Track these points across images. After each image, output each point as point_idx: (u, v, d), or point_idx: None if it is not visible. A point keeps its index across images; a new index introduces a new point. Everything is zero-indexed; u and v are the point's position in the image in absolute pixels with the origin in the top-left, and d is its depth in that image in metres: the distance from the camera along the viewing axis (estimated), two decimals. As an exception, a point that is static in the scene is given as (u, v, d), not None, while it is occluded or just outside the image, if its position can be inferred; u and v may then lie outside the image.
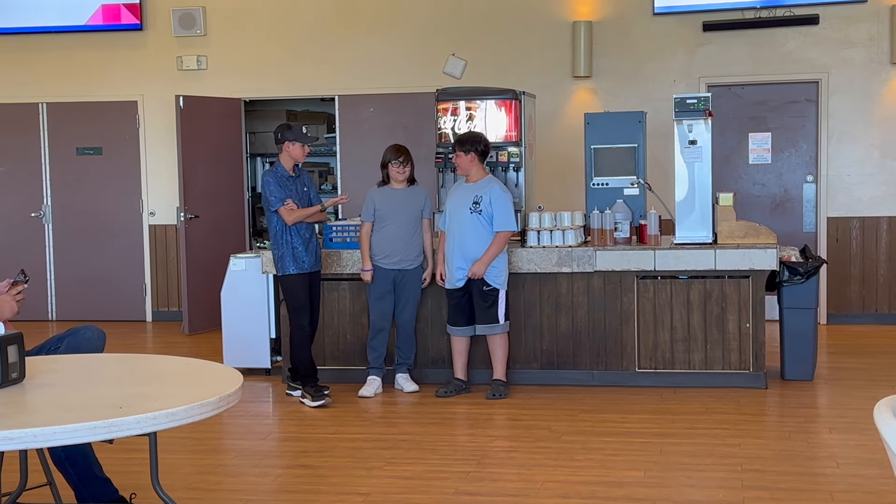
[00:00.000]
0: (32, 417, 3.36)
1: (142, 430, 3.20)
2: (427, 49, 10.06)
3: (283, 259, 6.75)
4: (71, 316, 10.67)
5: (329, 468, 5.38)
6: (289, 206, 6.67)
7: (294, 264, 6.75)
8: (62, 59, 10.71)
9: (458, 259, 6.82)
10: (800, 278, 7.02)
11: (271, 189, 6.68)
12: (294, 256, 6.76)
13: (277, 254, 6.77)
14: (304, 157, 6.81)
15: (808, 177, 9.69)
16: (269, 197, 6.69)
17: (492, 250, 6.76)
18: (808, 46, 9.56)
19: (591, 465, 5.32)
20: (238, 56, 10.47)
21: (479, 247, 6.77)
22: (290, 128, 6.82)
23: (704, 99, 7.07)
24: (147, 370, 4.15)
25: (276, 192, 6.68)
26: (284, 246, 6.75)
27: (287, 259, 6.75)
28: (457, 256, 6.82)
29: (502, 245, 6.80)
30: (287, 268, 6.75)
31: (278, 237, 6.76)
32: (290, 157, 6.77)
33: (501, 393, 6.84)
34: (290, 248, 6.75)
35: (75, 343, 4.53)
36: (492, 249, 6.75)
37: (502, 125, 7.41)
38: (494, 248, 6.76)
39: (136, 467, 4.94)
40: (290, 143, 6.74)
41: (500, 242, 6.78)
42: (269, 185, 6.69)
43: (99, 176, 10.75)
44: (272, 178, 6.72)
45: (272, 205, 6.70)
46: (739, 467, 5.21)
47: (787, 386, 7.05)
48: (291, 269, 6.76)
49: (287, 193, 6.70)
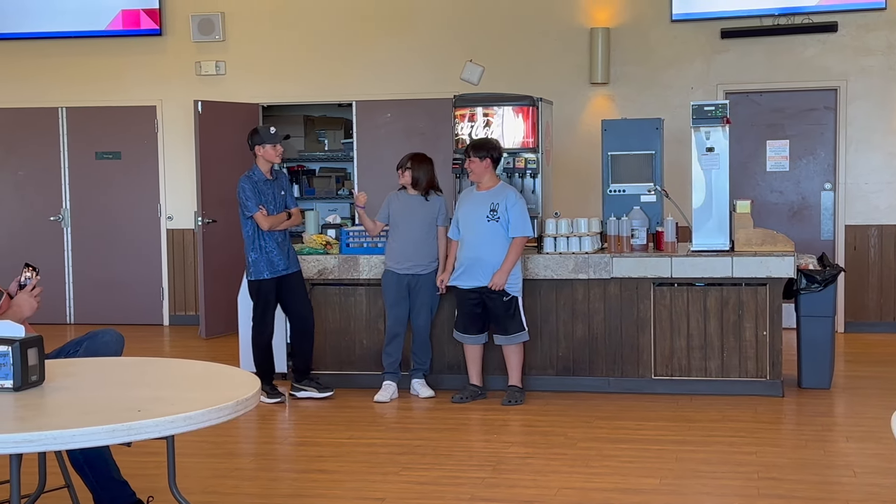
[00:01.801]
0: (51, 420, 3.38)
1: (160, 434, 3.21)
2: (444, 55, 10.08)
3: (257, 264, 6.82)
4: (89, 319, 10.72)
5: (345, 473, 5.39)
6: (262, 213, 6.72)
7: (268, 268, 6.82)
8: (82, 64, 10.78)
9: (479, 266, 6.79)
10: (817, 286, 7.00)
11: (247, 195, 6.73)
12: (269, 261, 6.81)
13: (252, 258, 6.83)
14: (278, 157, 6.85)
15: (825, 184, 9.66)
16: (245, 202, 6.75)
17: (511, 257, 6.76)
18: (826, 54, 9.53)
19: (607, 471, 5.31)
20: (256, 61, 10.52)
21: (497, 253, 6.76)
22: (258, 131, 6.87)
23: (722, 106, 7.06)
24: (165, 374, 4.17)
25: (252, 197, 6.73)
26: (258, 251, 6.80)
27: (262, 263, 6.81)
28: (474, 263, 6.81)
29: (520, 251, 6.80)
30: (261, 272, 6.81)
31: (253, 242, 6.81)
32: (265, 160, 6.81)
33: (517, 399, 6.83)
34: (265, 253, 6.80)
35: (94, 346, 4.55)
36: (511, 257, 6.76)
37: (519, 131, 7.42)
38: (513, 255, 6.76)
39: (154, 471, 4.96)
40: (259, 146, 6.79)
41: (517, 249, 6.78)
42: (245, 190, 6.74)
43: (117, 180, 10.81)
44: (247, 183, 6.77)
45: (248, 210, 6.75)
46: (756, 475, 5.19)
47: (803, 394, 7.03)
48: (266, 273, 6.82)
49: (262, 199, 6.75)
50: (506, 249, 6.77)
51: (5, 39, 10.76)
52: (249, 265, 6.85)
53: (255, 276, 6.84)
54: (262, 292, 6.88)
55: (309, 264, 7.39)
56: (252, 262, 6.83)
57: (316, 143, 11.63)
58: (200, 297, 9.92)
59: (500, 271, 6.73)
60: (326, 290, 7.48)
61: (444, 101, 8.82)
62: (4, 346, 3.59)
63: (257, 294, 6.90)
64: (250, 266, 6.85)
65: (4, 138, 10.95)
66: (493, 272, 6.74)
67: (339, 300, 7.45)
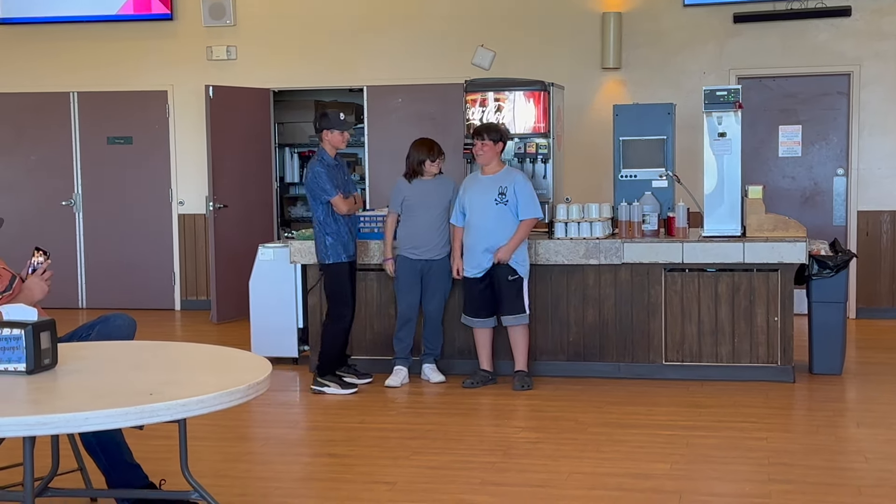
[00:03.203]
0: (64, 403, 3.40)
1: (172, 417, 3.23)
2: (456, 40, 10.05)
3: (335, 247, 6.76)
4: (100, 304, 10.76)
5: (355, 457, 5.41)
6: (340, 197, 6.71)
7: (345, 252, 6.80)
8: (93, 48, 10.79)
9: (483, 250, 6.82)
10: (829, 272, 6.99)
11: (324, 179, 6.68)
12: (344, 244, 6.80)
13: (329, 241, 6.76)
14: (344, 143, 6.85)
15: (838, 170, 9.63)
16: (323, 186, 6.68)
17: (518, 236, 6.78)
18: (839, 38, 9.48)
19: (618, 456, 5.32)
20: (267, 46, 10.51)
21: (505, 237, 6.78)
22: (328, 116, 6.82)
23: (734, 91, 7.04)
24: (176, 358, 4.19)
25: (329, 181, 6.69)
26: (335, 235, 6.77)
27: (339, 247, 6.78)
28: (481, 248, 6.82)
29: (527, 232, 6.84)
30: (339, 255, 6.78)
31: (328, 226, 6.77)
32: (331, 144, 6.80)
33: (527, 384, 6.85)
34: (339, 237, 6.78)
35: (106, 330, 4.58)
36: (518, 235, 6.78)
37: (531, 116, 7.41)
38: (520, 234, 6.79)
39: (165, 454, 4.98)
40: (328, 131, 6.77)
41: (525, 229, 6.81)
42: (321, 175, 6.68)
43: (129, 165, 10.83)
44: (323, 168, 6.72)
45: (328, 194, 6.69)
46: (766, 461, 5.20)
47: (815, 380, 7.02)
48: (343, 256, 6.80)
49: (336, 183, 6.74)
50: (512, 232, 6.78)
51: (17, 24, 10.77)
52: (326, 248, 6.75)
53: (334, 259, 6.78)
54: (341, 275, 6.84)
55: (320, 249, 7.38)
56: (329, 245, 6.76)
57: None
58: (212, 281, 9.95)
59: (506, 247, 6.76)
60: (337, 274, 7.46)
61: (456, 87, 8.80)
62: (17, 330, 3.62)
63: (336, 277, 6.83)
64: (327, 249, 6.76)
65: (16, 123, 10.98)
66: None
67: (350, 285, 7.45)
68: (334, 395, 6.80)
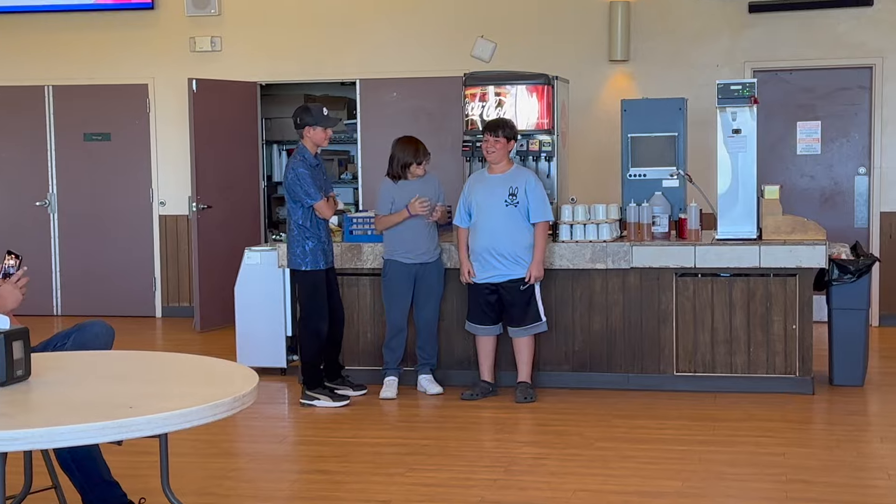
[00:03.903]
0: (38, 417, 3.40)
1: (153, 431, 3.23)
2: (454, 31, 10.06)
3: (315, 253, 6.75)
4: (77, 311, 10.75)
5: (347, 474, 5.40)
6: (325, 201, 6.69)
7: (324, 259, 6.80)
8: (69, 39, 10.79)
9: (492, 255, 6.81)
10: (850, 277, 6.99)
11: (308, 182, 6.65)
12: (324, 250, 6.79)
13: (308, 247, 6.74)
14: (327, 141, 6.82)
15: (860, 169, 9.64)
16: (307, 189, 6.65)
17: (541, 245, 6.81)
18: (861, 29, 9.49)
19: (626, 473, 5.32)
20: (254, 37, 10.51)
21: (515, 240, 6.79)
22: (310, 111, 6.80)
23: (750, 85, 7.05)
24: (157, 368, 4.18)
25: (313, 184, 6.67)
26: (316, 240, 6.75)
27: (318, 253, 6.76)
28: (490, 252, 6.81)
29: (546, 237, 6.84)
30: (318, 262, 6.77)
31: (306, 230, 6.75)
32: (312, 142, 6.78)
33: (530, 396, 6.85)
34: (320, 242, 6.77)
35: (82, 339, 4.57)
36: (540, 244, 6.81)
37: (533, 112, 7.41)
38: (543, 242, 6.82)
39: (145, 471, 4.98)
40: (310, 127, 6.75)
41: (545, 234, 6.83)
42: (305, 177, 6.64)
43: (107, 163, 10.82)
44: (306, 169, 6.69)
45: (311, 198, 6.66)
46: (784, 478, 5.20)
47: (835, 392, 7.02)
48: (322, 264, 6.79)
49: (319, 185, 6.72)
50: (523, 235, 6.79)
51: (-12, 14, 10.78)
52: (305, 254, 6.74)
53: (312, 266, 6.77)
54: (318, 283, 6.82)
55: (310, 253, 7.38)
56: (309, 251, 6.74)
57: (317, 123, 11.61)
58: (195, 287, 9.94)
59: (535, 262, 6.78)
60: (328, 280, 7.47)
61: (454, 80, 8.79)
62: (-12, 339, 3.61)
63: (314, 286, 6.81)
64: (307, 255, 6.75)
65: (-13, 119, 10.99)
66: (510, 261, 6.78)
67: (341, 291, 7.44)
68: (325, 408, 6.80)
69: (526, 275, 6.77)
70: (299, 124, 6.77)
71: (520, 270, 6.79)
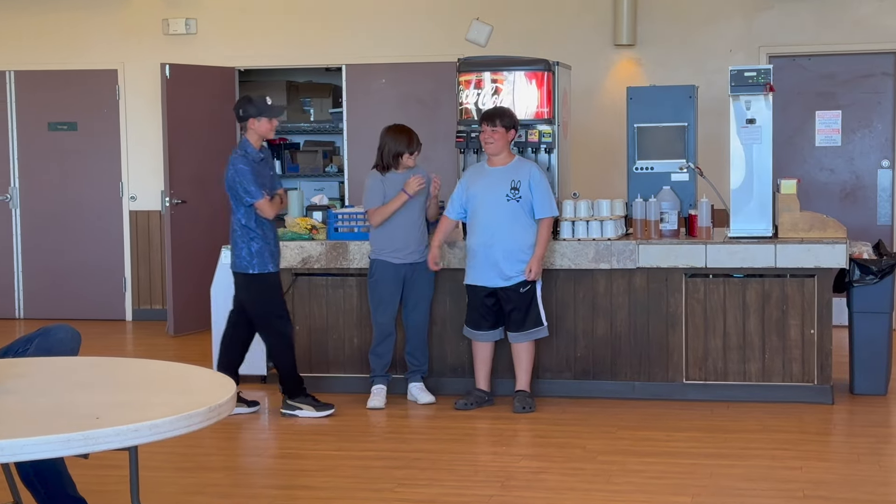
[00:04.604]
0: (-2, 428, 3.39)
1: (121, 444, 3.22)
2: (447, 12, 10.06)
3: (261, 255, 6.72)
4: (40, 314, 10.74)
5: (332, 489, 5.40)
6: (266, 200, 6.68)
7: (272, 261, 6.78)
8: (33, 21, 10.77)
9: (496, 254, 6.80)
10: (872, 278, 7.00)
11: (249, 179, 6.64)
12: (271, 252, 6.78)
13: (254, 248, 6.71)
14: (272, 133, 6.82)
15: (883, 161, 9.66)
16: (247, 188, 6.63)
17: (543, 241, 6.82)
18: (884, 12, 9.51)
19: (631, 489, 5.32)
20: (232, 19, 10.51)
21: (517, 238, 6.80)
22: (253, 101, 6.80)
23: (765, 71, 7.05)
24: (127, 376, 4.17)
25: (254, 181, 6.66)
26: (261, 240, 6.73)
27: (266, 255, 6.74)
28: (493, 250, 6.80)
29: (550, 234, 6.87)
30: (266, 264, 6.75)
31: (250, 230, 6.72)
32: (258, 134, 6.77)
33: (529, 405, 6.85)
34: (266, 243, 6.76)
35: (46, 345, 4.56)
36: (543, 240, 6.82)
37: (533, 100, 7.41)
38: (546, 239, 6.83)
39: (114, 486, 4.98)
40: (254, 119, 6.75)
41: (549, 231, 6.85)
42: (245, 174, 6.62)
43: (73, 154, 10.82)
44: (248, 165, 6.67)
45: (252, 196, 6.64)
46: (801, 493, 5.21)
47: (856, 401, 7.04)
48: (270, 266, 6.78)
49: (261, 182, 6.71)
50: (525, 233, 6.80)
51: (-55, -7, 10.77)
52: (252, 256, 6.71)
53: (260, 269, 6.74)
54: (272, 285, 6.83)
55: (292, 251, 7.39)
56: (255, 252, 6.71)
57: (300, 112, 11.63)
58: (168, 288, 9.94)
59: (536, 258, 6.78)
60: (311, 280, 7.48)
61: (448, 66, 8.81)
62: (-56, 344, 3.60)
63: (269, 289, 6.81)
64: (253, 258, 6.72)
65: (-56, 106, 10.97)
66: (511, 261, 6.79)
67: (325, 292, 7.46)
68: (308, 417, 6.80)
69: (525, 270, 6.76)
70: (242, 116, 6.77)
71: (519, 272, 6.79)
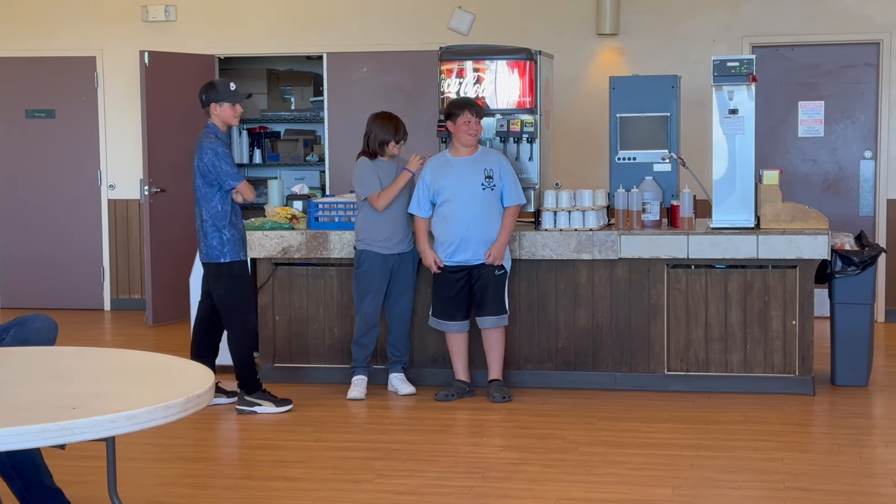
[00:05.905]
0: (-27, 419, 3.37)
1: (98, 435, 3.21)
2: (429, 1, 10.04)
3: (232, 242, 6.68)
4: (17, 303, 10.69)
5: (311, 480, 5.40)
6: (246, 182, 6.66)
7: (243, 249, 6.76)
8: (8, 6, 10.71)
9: (472, 241, 6.83)
10: (854, 269, 7.03)
11: (228, 161, 6.60)
12: (242, 240, 6.76)
13: (226, 236, 6.66)
14: (236, 119, 6.77)
15: (865, 153, 9.69)
16: (228, 170, 6.58)
17: (508, 227, 6.86)
18: (867, 3, 9.53)
19: (613, 480, 5.33)
20: (212, 6, 10.47)
21: (492, 227, 6.84)
22: (216, 86, 6.75)
23: (748, 62, 7.06)
24: (105, 366, 4.16)
25: (233, 164, 6.64)
26: (232, 228, 6.69)
27: (237, 242, 6.70)
28: (469, 239, 6.82)
29: (515, 220, 6.92)
30: (237, 253, 6.70)
31: (224, 217, 6.66)
32: (221, 120, 6.73)
33: (506, 395, 6.86)
34: (238, 230, 6.73)
35: (22, 334, 4.55)
36: (508, 226, 6.86)
37: (515, 89, 7.41)
38: (511, 225, 6.88)
39: (91, 477, 4.96)
40: (217, 104, 6.70)
41: (514, 218, 6.89)
42: (224, 156, 6.58)
43: (51, 142, 10.76)
44: (222, 147, 6.63)
45: (233, 179, 6.58)
46: (782, 485, 5.23)
47: (837, 393, 7.07)
48: (241, 254, 6.74)
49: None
50: (500, 221, 6.82)
51: (-80, -22, 10.69)
52: (223, 244, 6.65)
53: (231, 258, 6.69)
54: (242, 275, 6.79)
55: (272, 241, 7.38)
56: (227, 240, 6.65)
57: (281, 101, 11.61)
58: (147, 278, 9.91)
59: (499, 243, 6.81)
60: (291, 270, 7.47)
61: (429, 54, 8.80)
62: (-82, 334, 3.58)
63: (238, 276, 6.76)
64: (224, 246, 6.66)
65: (-81, 93, 10.90)
66: (488, 247, 6.80)
67: (305, 282, 7.44)
68: (267, 414, 6.74)
69: (486, 254, 6.79)
70: (205, 102, 6.71)
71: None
